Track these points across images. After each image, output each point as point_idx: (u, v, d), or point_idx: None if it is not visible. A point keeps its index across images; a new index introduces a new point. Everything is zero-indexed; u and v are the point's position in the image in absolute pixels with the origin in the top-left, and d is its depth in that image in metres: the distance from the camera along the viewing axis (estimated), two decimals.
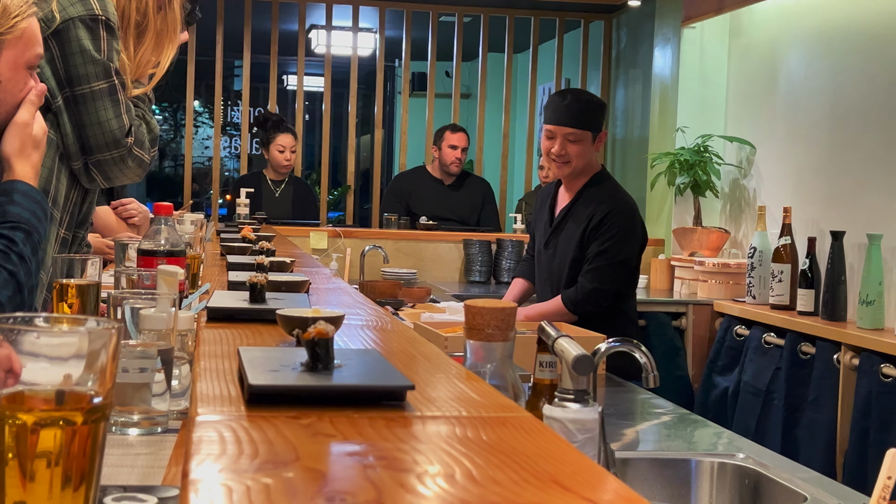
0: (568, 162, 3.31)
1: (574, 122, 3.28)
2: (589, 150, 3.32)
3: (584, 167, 3.34)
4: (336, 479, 0.76)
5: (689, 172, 5.15)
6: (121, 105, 2.11)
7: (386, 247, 5.20)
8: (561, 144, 3.29)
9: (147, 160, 2.21)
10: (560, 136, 3.29)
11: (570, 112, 3.30)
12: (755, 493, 1.95)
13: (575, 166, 3.32)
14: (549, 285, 3.41)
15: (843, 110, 4.43)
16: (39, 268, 1.66)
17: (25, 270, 1.60)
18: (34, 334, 0.81)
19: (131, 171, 2.14)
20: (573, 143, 3.29)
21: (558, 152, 3.30)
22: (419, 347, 1.40)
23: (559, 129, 3.30)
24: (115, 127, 2.09)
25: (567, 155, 3.30)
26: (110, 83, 2.09)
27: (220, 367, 1.15)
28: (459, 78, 7.06)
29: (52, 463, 0.78)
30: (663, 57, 5.71)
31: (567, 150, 3.29)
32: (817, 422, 3.89)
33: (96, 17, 2.08)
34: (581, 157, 3.30)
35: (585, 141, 3.29)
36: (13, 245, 1.61)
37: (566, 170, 3.33)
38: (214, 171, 7.01)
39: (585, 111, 3.31)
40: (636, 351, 1.68)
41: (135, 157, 2.16)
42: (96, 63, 2.08)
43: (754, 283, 4.60)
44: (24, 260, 1.60)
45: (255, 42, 6.73)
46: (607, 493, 0.75)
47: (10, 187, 1.69)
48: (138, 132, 2.18)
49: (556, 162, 3.32)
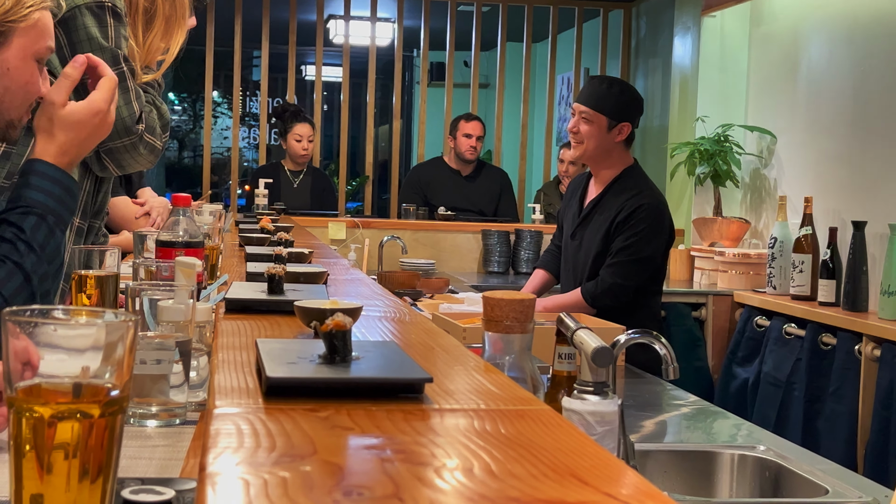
0: (581, 142, 3.31)
1: (588, 102, 3.30)
2: (602, 136, 3.29)
3: (602, 154, 3.31)
4: (353, 472, 0.76)
5: (710, 162, 5.12)
6: (130, 92, 2.11)
7: (404, 237, 5.19)
8: (574, 122, 3.33)
9: (159, 146, 2.21)
10: (577, 114, 3.34)
11: (589, 92, 3.34)
12: (776, 485, 1.94)
13: (586, 148, 3.30)
14: (572, 277, 3.39)
15: (865, 99, 4.40)
16: (58, 249, 1.63)
17: (34, 260, 1.58)
18: (51, 326, 0.81)
19: (143, 158, 2.13)
20: (585, 123, 3.30)
21: (571, 128, 3.35)
22: (437, 339, 1.39)
23: (576, 106, 3.35)
24: (125, 114, 2.09)
25: (580, 134, 3.30)
26: (119, 70, 2.08)
27: (237, 359, 1.15)
28: (478, 68, 7.04)
29: (70, 455, 0.78)
30: (683, 46, 5.68)
31: (580, 128, 3.30)
32: (838, 413, 3.87)
33: (103, 4, 2.08)
34: (591, 138, 3.28)
35: (597, 124, 3.27)
36: (21, 233, 1.57)
37: (578, 150, 3.35)
38: (233, 161, 7.02)
39: (605, 95, 3.29)
40: (656, 342, 1.67)
41: (146, 143, 2.15)
42: (104, 50, 2.08)
43: (775, 274, 4.57)
44: (33, 249, 1.57)
45: (273, 32, 6.73)
46: (626, 487, 0.75)
47: (28, 168, 1.65)
48: (149, 118, 2.18)
49: (572, 141, 3.38)
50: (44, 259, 1.59)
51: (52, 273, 1.62)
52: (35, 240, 1.58)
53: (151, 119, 2.20)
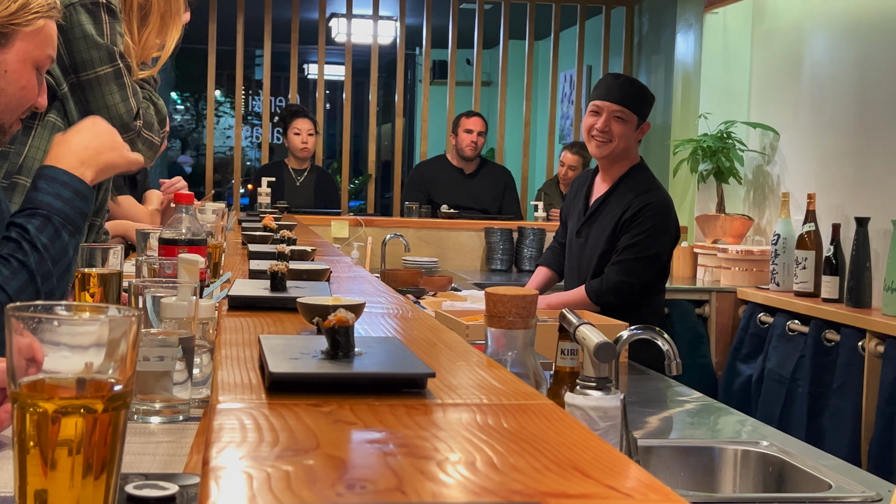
0: (610, 140, 3.25)
1: (624, 101, 3.24)
2: (631, 135, 3.27)
3: (623, 153, 3.29)
4: (356, 466, 0.76)
5: (712, 159, 5.11)
6: (127, 89, 2.11)
7: (407, 235, 5.19)
8: (605, 121, 3.24)
9: (157, 142, 2.21)
10: (606, 112, 3.25)
11: (623, 91, 3.26)
12: (779, 480, 1.94)
13: (616, 147, 3.26)
14: (577, 274, 3.38)
15: (868, 95, 4.39)
16: (65, 250, 1.64)
17: (38, 258, 1.59)
18: (55, 322, 0.81)
19: (142, 154, 2.14)
20: (619, 122, 3.23)
21: (602, 128, 3.24)
22: (440, 335, 1.39)
23: (608, 105, 3.25)
24: (122, 111, 2.09)
25: (610, 133, 3.24)
26: (115, 67, 2.09)
27: (241, 355, 1.15)
28: (480, 66, 7.05)
29: (74, 451, 0.79)
30: (686, 43, 5.68)
31: (611, 127, 3.23)
32: (842, 409, 3.87)
33: (97, 0, 2.09)
34: (623, 138, 3.25)
35: (630, 123, 3.25)
36: (25, 234, 1.60)
37: (606, 149, 3.27)
38: (236, 160, 7.02)
39: (637, 95, 3.28)
40: (658, 338, 1.68)
41: (144, 139, 2.15)
42: (100, 47, 2.08)
43: (778, 271, 4.57)
44: (37, 248, 1.59)
45: (275, 31, 6.74)
46: (629, 480, 0.75)
47: (39, 173, 1.69)
48: (146, 115, 2.18)
49: (597, 139, 3.26)
50: (48, 259, 1.60)
51: (57, 273, 1.63)
52: (39, 240, 1.59)
53: (149, 115, 2.20)
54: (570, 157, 6.20)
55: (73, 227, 1.65)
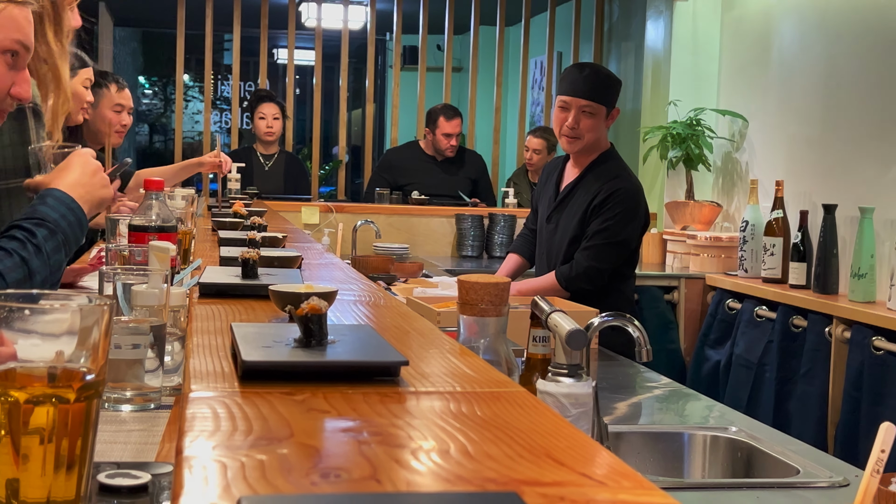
0: (579, 137, 3.25)
1: (591, 95, 3.23)
2: (601, 126, 3.27)
3: (594, 143, 3.30)
4: (331, 454, 0.76)
5: (682, 146, 5.14)
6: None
7: (378, 222, 5.19)
8: (574, 118, 3.23)
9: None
10: (575, 108, 3.24)
11: (589, 84, 3.24)
12: (747, 465, 1.96)
13: (586, 141, 3.26)
14: (547, 260, 3.39)
15: (835, 83, 4.43)
16: (60, 265, 1.67)
17: (40, 262, 1.61)
18: (26, 311, 0.80)
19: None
20: (587, 117, 3.23)
21: (571, 125, 3.23)
22: (412, 323, 1.39)
23: (575, 100, 3.24)
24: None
25: (579, 130, 3.23)
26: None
27: (213, 343, 1.15)
28: (451, 51, 7.03)
29: (45, 440, 0.78)
30: (656, 30, 5.69)
31: (580, 122, 3.24)
32: (809, 394, 3.91)
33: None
34: (593, 131, 3.25)
35: (599, 115, 3.25)
36: (32, 237, 1.64)
37: (577, 145, 3.27)
38: (205, 146, 6.97)
39: (603, 85, 3.27)
40: (629, 325, 1.69)
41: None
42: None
43: (746, 257, 4.60)
44: (41, 252, 1.63)
45: (245, 15, 6.69)
46: (601, 467, 0.75)
47: (46, 192, 1.73)
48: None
49: (567, 136, 3.26)
50: (48, 266, 1.62)
51: (50, 283, 1.65)
52: (44, 246, 1.66)
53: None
54: (535, 140, 6.22)
55: (69, 249, 1.70)
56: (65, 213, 1.70)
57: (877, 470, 1.02)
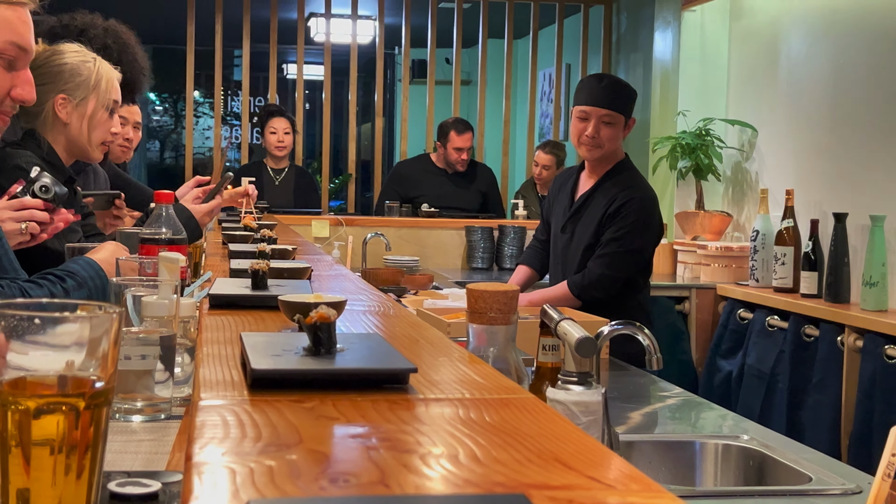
0: (600, 145, 3.26)
1: (610, 104, 3.24)
2: (619, 135, 3.29)
3: (612, 153, 3.31)
4: (339, 460, 0.76)
5: (691, 156, 5.14)
6: None
7: (388, 234, 5.19)
8: (595, 126, 3.24)
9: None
10: (595, 118, 3.25)
11: (608, 94, 3.26)
12: (760, 473, 1.95)
13: (606, 150, 3.28)
14: (562, 270, 3.38)
15: (844, 91, 4.42)
16: None
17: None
18: (36, 320, 0.81)
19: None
20: (607, 126, 3.24)
21: (592, 134, 3.24)
22: (422, 332, 1.40)
23: (595, 110, 3.25)
24: None
25: (599, 138, 3.25)
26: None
27: (222, 353, 1.15)
28: (459, 65, 7.05)
29: (56, 449, 0.78)
30: (664, 40, 5.70)
31: (601, 132, 3.25)
32: (822, 404, 3.89)
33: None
34: (612, 140, 3.27)
35: (618, 125, 3.26)
36: (63, 282, 1.78)
37: (597, 153, 3.28)
38: (215, 161, 7.00)
39: (622, 95, 3.29)
40: (639, 333, 1.68)
41: None
42: None
43: (757, 267, 4.59)
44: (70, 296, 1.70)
45: (254, 31, 6.72)
46: (611, 470, 0.75)
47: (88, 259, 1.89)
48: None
49: (587, 145, 3.27)
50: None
51: None
52: (72, 292, 1.78)
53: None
54: (544, 156, 6.22)
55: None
56: (92, 275, 1.84)
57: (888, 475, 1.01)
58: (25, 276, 1.81)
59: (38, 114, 2.48)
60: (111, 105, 2.56)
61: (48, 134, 2.48)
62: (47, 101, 2.46)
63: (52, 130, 2.49)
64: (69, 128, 2.49)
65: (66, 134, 2.50)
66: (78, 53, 2.54)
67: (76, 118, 2.49)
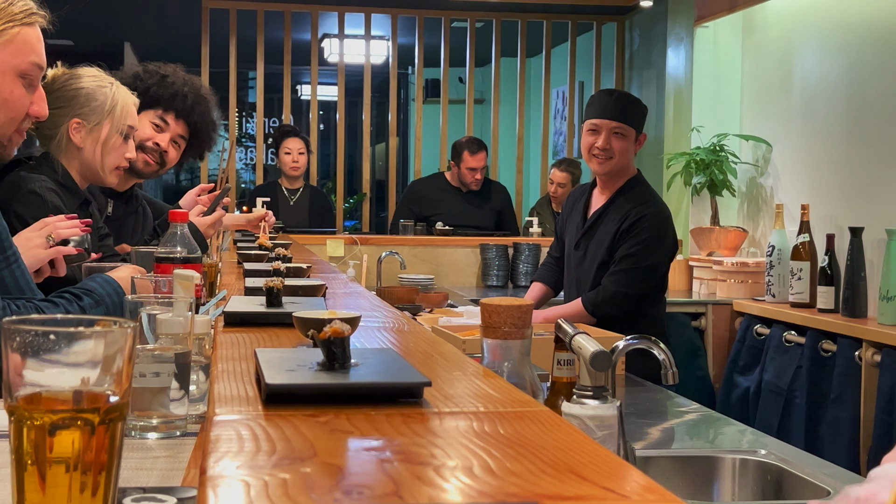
0: (611, 157, 3.26)
1: (621, 117, 3.25)
2: (631, 149, 3.29)
3: (624, 167, 3.31)
4: (353, 473, 0.76)
5: (706, 172, 5.13)
6: None
7: (403, 253, 5.20)
8: (606, 138, 3.25)
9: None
10: (605, 130, 3.26)
11: (618, 107, 3.27)
12: (778, 488, 1.94)
13: (617, 162, 3.28)
14: (576, 287, 3.38)
15: (859, 105, 4.41)
16: None
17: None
18: (51, 336, 0.81)
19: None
20: (618, 139, 3.25)
21: (603, 146, 3.25)
22: (437, 347, 1.39)
23: (606, 122, 3.26)
24: None
25: (611, 150, 3.25)
26: None
27: (237, 369, 1.15)
28: (473, 83, 7.07)
29: (71, 466, 0.79)
30: (677, 57, 5.70)
31: (612, 144, 3.25)
32: (840, 419, 3.86)
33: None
34: (624, 153, 3.27)
35: (629, 138, 3.27)
36: (79, 300, 1.80)
37: (608, 165, 3.29)
38: (230, 182, 7.02)
39: (633, 108, 3.30)
40: (654, 347, 1.68)
41: None
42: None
43: (773, 282, 4.57)
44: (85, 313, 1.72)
45: (268, 52, 6.75)
46: (626, 481, 0.75)
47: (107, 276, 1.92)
48: None
49: (599, 157, 3.27)
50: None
51: None
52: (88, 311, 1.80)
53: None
54: (559, 174, 6.22)
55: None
56: (109, 292, 1.86)
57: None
58: (42, 296, 1.82)
59: (52, 137, 2.50)
60: (126, 130, 2.57)
61: (63, 157, 2.50)
62: (62, 124, 2.47)
63: (67, 154, 2.51)
64: (83, 152, 2.51)
65: (79, 158, 2.51)
66: (95, 78, 2.56)
67: (90, 143, 2.51)
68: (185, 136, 3.22)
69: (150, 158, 3.10)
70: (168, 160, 3.17)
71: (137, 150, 3.00)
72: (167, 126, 3.14)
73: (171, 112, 3.15)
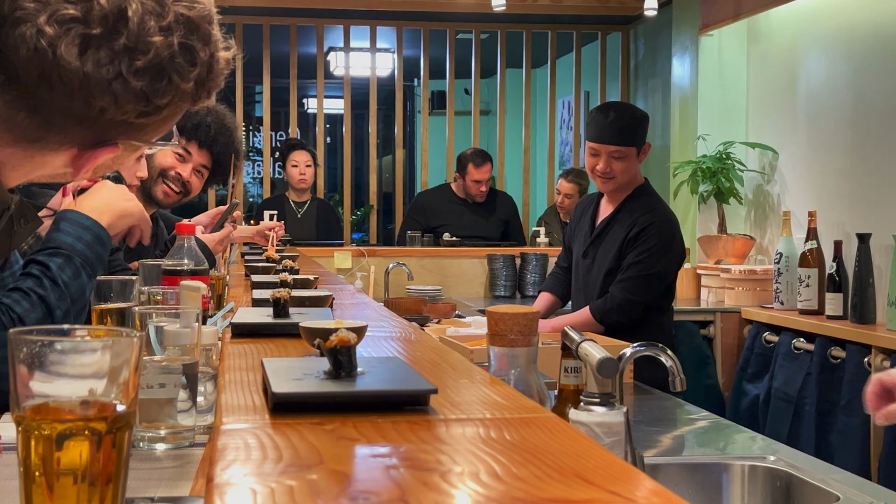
0: (613, 178, 3.29)
1: (618, 140, 3.26)
2: (633, 165, 3.31)
3: (629, 181, 3.33)
4: (360, 479, 0.76)
5: (712, 180, 5.13)
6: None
7: (410, 264, 5.20)
8: (606, 162, 3.27)
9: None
10: (605, 154, 3.27)
11: (614, 129, 3.27)
12: (787, 494, 1.93)
13: (619, 182, 3.31)
14: (584, 296, 3.39)
15: (865, 112, 4.41)
16: (83, 291, 1.67)
17: (58, 295, 1.62)
18: (57, 346, 0.81)
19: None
20: (618, 160, 3.27)
21: (603, 170, 3.27)
22: (444, 356, 1.40)
23: (603, 147, 3.27)
24: None
25: (612, 172, 3.28)
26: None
27: (244, 379, 1.16)
28: (478, 95, 7.08)
29: (78, 472, 0.79)
30: (682, 65, 5.71)
31: (612, 167, 3.27)
32: (850, 426, 3.85)
33: None
34: (626, 172, 3.29)
35: (630, 157, 3.28)
36: (47, 270, 1.64)
37: (611, 185, 3.32)
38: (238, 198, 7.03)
39: (629, 126, 3.29)
40: (661, 354, 1.68)
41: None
42: None
43: (781, 289, 4.57)
44: (57, 284, 1.62)
45: (274, 66, 6.77)
46: (632, 485, 0.75)
47: (61, 216, 1.74)
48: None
49: (601, 178, 3.31)
50: (67, 296, 1.63)
51: (75, 311, 1.65)
52: (60, 277, 1.64)
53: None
54: (567, 185, 6.23)
55: (92, 269, 1.69)
56: (80, 235, 1.70)
57: None
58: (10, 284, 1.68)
59: None
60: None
61: None
62: None
63: None
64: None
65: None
66: None
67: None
68: (207, 166, 3.20)
69: (170, 189, 3.10)
70: (191, 189, 3.17)
71: (158, 178, 3.01)
72: (189, 156, 3.12)
73: (193, 142, 3.13)
